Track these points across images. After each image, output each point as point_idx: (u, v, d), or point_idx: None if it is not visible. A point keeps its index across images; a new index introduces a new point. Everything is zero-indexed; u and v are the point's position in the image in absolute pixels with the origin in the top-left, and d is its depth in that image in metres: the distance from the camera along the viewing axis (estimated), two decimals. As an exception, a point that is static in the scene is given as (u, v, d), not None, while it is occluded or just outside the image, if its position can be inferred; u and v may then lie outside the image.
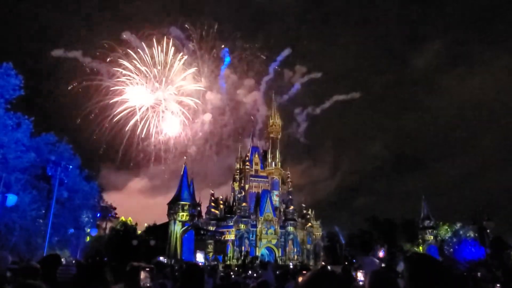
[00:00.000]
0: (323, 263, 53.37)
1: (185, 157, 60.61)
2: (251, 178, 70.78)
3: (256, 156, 73.77)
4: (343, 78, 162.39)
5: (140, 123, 62.52)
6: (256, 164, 72.97)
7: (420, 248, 59.79)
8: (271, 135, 75.58)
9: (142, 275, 3.34)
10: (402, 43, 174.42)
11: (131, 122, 63.00)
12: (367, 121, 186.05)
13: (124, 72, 59.62)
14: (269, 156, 74.16)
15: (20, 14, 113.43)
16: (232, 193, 74.99)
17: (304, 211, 71.13)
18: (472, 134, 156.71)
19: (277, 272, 11.85)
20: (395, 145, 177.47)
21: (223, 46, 69.37)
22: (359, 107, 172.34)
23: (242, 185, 70.49)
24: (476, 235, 53.30)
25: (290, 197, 69.54)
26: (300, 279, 5.87)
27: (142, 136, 62.34)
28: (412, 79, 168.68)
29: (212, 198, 69.74)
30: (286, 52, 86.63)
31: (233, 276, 14.63)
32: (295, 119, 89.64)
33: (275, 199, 69.64)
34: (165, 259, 40.36)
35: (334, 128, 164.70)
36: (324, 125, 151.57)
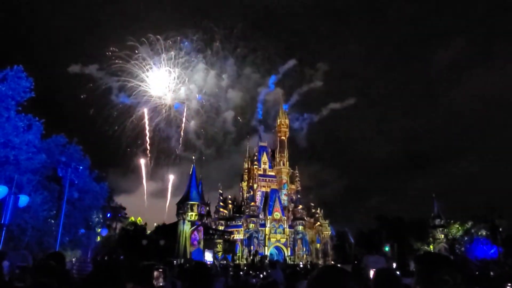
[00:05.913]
0: (332, 262, 53.17)
1: (193, 157, 60.82)
2: (259, 178, 70.77)
3: (264, 155, 73.70)
4: (351, 77, 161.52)
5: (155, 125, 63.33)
6: (265, 163, 72.94)
7: (431, 247, 59.22)
8: (279, 135, 75.46)
9: (156, 274, 3.37)
10: (413, 41, 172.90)
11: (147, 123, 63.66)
12: (378, 120, 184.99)
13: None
14: (277, 155, 74.08)
15: (31, 22, 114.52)
16: (241, 193, 75.06)
17: (313, 210, 70.89)
18: (483, 132, 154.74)
19: (287, 271, 11.80)
20: (406, 144, 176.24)
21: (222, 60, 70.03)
22: (369, 105, 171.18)
23: (250, 184, 70.50)
24: (488, 233, 52.71)
25: (299, 196, 69.33)
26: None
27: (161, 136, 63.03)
28: (424, 78, 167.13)
29: (221, 197, 69.86)
30: (291, 63, 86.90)
31: (242, 274, 14.60)
32: (301, 121, 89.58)
33: (284, 198, 69.48)
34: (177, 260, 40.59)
35: (343, 128, 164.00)
36: (332, 126, 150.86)
